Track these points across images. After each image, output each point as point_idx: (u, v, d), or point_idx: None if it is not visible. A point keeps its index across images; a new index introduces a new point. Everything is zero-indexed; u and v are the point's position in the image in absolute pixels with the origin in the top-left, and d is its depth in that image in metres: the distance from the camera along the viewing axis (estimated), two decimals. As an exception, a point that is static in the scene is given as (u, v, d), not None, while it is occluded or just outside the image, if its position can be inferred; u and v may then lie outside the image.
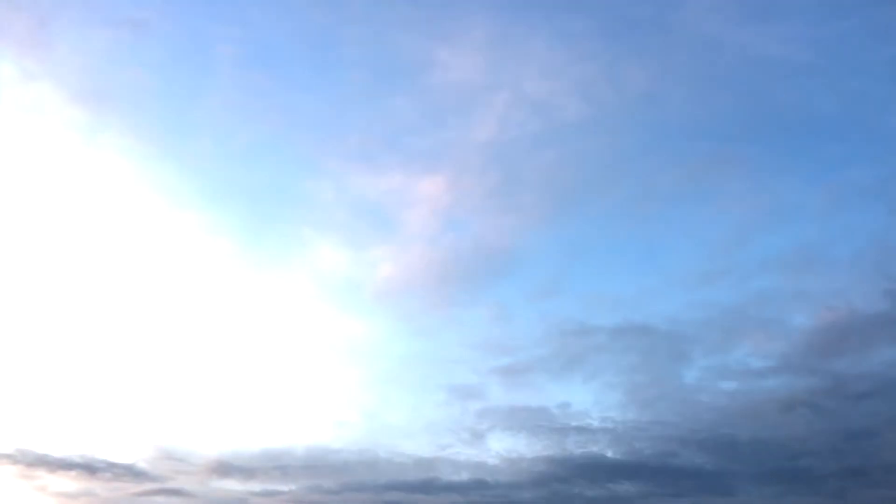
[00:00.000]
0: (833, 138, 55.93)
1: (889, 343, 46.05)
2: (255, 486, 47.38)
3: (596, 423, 48.65)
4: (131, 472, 46.25)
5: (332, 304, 56.34)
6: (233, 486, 47.49)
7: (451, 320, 54.88)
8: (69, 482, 45.56)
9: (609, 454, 48.48)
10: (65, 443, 46.61)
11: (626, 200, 58.26)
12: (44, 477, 45.22)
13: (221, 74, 58.15)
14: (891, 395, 44.12)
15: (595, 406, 49.19)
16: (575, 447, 48.59)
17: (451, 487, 47.29)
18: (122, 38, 55.32)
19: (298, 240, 56.84)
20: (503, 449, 49.12)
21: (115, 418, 48.80)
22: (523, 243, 57.18)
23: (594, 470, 47.59)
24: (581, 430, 48.67)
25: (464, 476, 48.09)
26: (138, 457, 47.01)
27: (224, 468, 47.60)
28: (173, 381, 51.07)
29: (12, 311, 50.62)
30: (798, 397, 46.55)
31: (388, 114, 59.01)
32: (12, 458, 44.97)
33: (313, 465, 48.18)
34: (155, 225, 55.46)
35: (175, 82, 58.03)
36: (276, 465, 48.01)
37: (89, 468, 45.72)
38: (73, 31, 54.87)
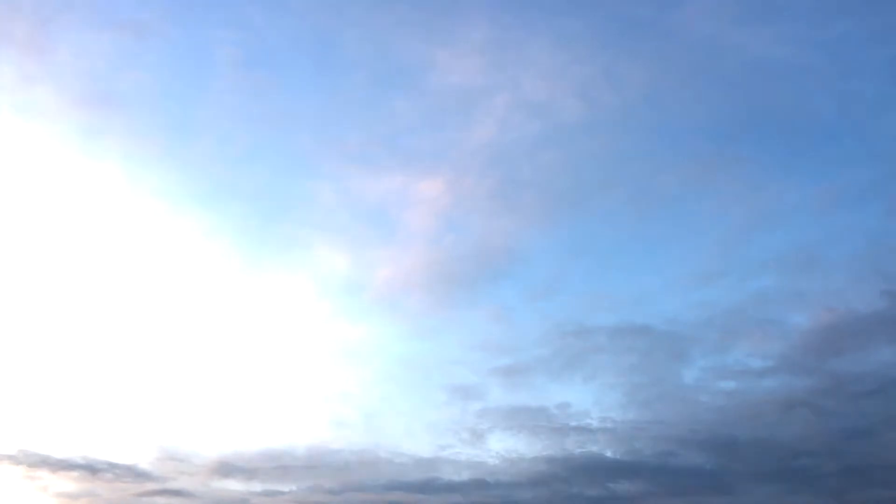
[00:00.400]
0: (831, 139, 56.18)
1: (887, 343, 46.21)
2: (257, 486, 47.63)
3: (596, 423, 48.80)
4: (133, 473, 46.46)
5: (332, 305, 56.54)
6: (234, 486, 47.72)
7: (451, 321, 55.17)
8: (71, 483, 45.80)
9: (609, 454, 48.63)
10: (67, 443, 46.91)
11: (625, 201, 58.48)
12: (46, 477, 45.44)
13: (221, 77, 58.40)
14: (890, 395, 44.22)
15: (595, 406, 49.30)
16: (575, 447, 48.71)
17: (451, 487, 47.42)
18: (122, 40, 55.63)
19: (298, 241, 56.93)
20: (503, 449, 49.26)
21: (116, 419, 49.10)
22: (523, 244, 57.36)
23: (594, 470, 47.67)
24: (581, 430, 48.83)
25: (464, 476, 48.23)
26: (140, 457, 47.29)
27: (225, 469, 47.86)
28: (175, 383, 51.37)
29: (14, 313, 50.93)
30: (797, 397, 46.65)
31: (387, 115, 59.20)
32: (14, 459, 45.16)
33: (314, 466, 48.39)
34: (155, 227, 55.65)
35: (175, 85, 58.36)
36: (277, 466, 48.26)
37: (91, 469, 45.96)
38: (73, 34, 55.17)
